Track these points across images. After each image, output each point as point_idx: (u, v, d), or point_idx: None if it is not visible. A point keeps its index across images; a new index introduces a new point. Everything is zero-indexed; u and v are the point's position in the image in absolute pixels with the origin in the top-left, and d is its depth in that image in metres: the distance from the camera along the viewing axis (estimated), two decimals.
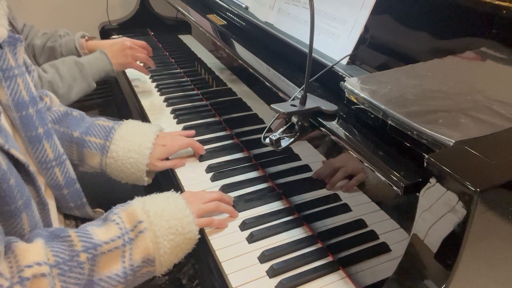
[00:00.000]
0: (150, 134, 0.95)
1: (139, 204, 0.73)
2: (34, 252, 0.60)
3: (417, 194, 0.54)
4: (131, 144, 0.92)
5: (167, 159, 1.00)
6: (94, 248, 0.65)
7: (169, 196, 0.78)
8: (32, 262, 0.59)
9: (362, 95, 0.65)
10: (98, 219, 0.73)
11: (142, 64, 1.37)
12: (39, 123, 0.74)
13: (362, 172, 0.66)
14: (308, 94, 0.71)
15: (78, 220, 0.91)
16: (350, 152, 0.64)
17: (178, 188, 0.97)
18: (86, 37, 1.42)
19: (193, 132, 1.09)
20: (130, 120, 0.98)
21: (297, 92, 0.78)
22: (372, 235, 0.68)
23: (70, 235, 0.65)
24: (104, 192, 1.12)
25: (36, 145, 0.73)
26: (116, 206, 0.74)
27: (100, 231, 0.68)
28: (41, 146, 0.74)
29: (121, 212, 0.72)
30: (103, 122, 0.95)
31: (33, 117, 0.72)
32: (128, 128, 0.95)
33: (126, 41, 1.30)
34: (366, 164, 0.61)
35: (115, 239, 0.68)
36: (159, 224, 0.71)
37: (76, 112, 0.96)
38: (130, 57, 1.27)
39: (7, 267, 0.58)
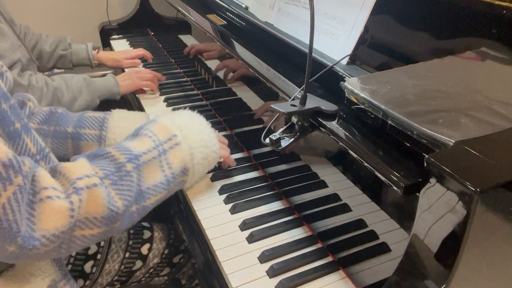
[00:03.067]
0: (143, 120, 1.00)
1: (167, 120, 0.81)
2: (80, 167, 0.65)
3: (417, 194, 0.54)
4: (127, 131, 0.95)
5: None
6: (136, 158, 0.71)
7: (193, 115, 0.87)
8: (81, 174, 0.63)
9: (362, 95, 0.65)
10: (129, 136, 0.79)
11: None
12: (15, 118, 0.72)
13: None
14: (308, 94, 0.71)
15: None
16: (350, 152, 0.64)
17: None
18: (97, 50, 1.52)
19: None
20: (117, 110, 1.02)
21: (297, 92, 0.78)
22: (372, 235, 0.68)
23: (110, 152, 0.70)
24: None
25: (16, 140, 0.72)
26: (143, 124, 0.80)
27: (135, 144, 0.74)
28: (22, 140, 0.73)
29: (152, 127, 0.78)
30: (92, 114, 0.98)
31: (7, 112, 0.71)
32: (120, 117, 0.99)
33: (133, 69, 1.39)
34: (366, 164, 0.61)
35: (151, 150, 0.74)
36: (191, 138, 0.81)
37: (60, 109, 0.97)
38: (136, 79, 1.35)
39: (59, 184, 0.62)
